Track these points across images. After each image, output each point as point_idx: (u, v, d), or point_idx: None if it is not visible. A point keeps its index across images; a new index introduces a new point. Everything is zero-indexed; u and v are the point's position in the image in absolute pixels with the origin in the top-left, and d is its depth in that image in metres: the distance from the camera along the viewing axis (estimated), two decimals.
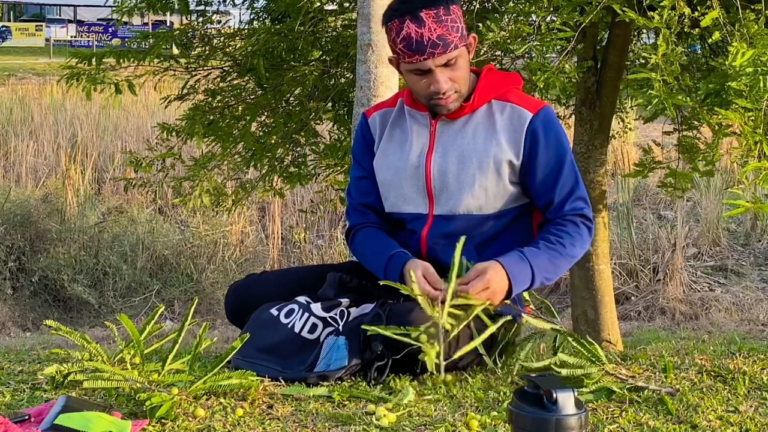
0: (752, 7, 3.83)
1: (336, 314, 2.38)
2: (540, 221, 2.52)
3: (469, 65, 2.46)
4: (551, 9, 3.96)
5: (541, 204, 2.49)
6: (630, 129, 6.93)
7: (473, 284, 2.24)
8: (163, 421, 1.96)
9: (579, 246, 2.45)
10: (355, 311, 2.39)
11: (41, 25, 39.61)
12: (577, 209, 2.46)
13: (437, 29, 2.35)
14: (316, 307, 2.39)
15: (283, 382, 2.22)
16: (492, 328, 2.25)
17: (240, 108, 5.89)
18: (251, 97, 5.90)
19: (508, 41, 4.16)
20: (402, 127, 2.55)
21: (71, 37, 38.55)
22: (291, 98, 5.95)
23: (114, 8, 5.86)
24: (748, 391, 2.16)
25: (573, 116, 5.67)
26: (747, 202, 3.44)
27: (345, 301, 2.42)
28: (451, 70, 2.40)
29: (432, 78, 2.39)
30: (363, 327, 2.24)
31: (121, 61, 5.58)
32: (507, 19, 4.96)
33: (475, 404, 2.08)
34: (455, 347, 2.28)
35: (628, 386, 2.12)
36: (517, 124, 2.45)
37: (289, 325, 2.35)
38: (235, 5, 6.33)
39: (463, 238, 2.27)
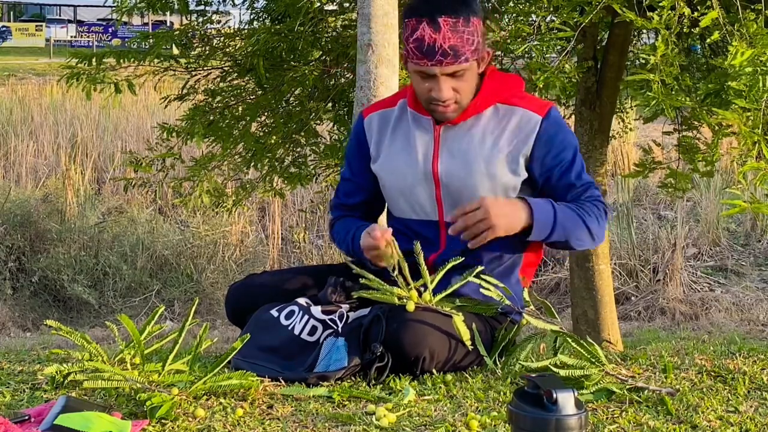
0: (752, 7, 3.82)
1: (335, 317, 2.37)
2: None
3: (476, 78, 2.44)
4: (551, 9, 3.96)
5: (562, 199, 2.49)
6: (630, 129, 6.93)
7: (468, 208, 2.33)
8: (163, 421, 1.96)
9: (597, 222, 2.44)
10: (353, 314, 2.39)
11: (41, 25, 39.60)
12: (594, 196, 2.47)
13: (451, 38, 2.33)
14: (316, 310, 2.38)
15: (283, 383, 2.22)
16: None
17: (240, 108, 5.89)
18: (251, 97, 5.90)
19: (508, 41, 4.16)
20: (404, 131, 2.53)
21: (71, 37, 38.55)
22: (291, 98, 5.95)
23: (114, 8, 5.86)
24: (748, 391, 2.16)
25: (573, 116, 5.67)
26: (744, 202, 3.44)
27: (345, 306, 2.42)
28: (456, 81, 2.38)
29: (435, 84, 2.38)
30: (354, 294, 2.37)
31: (121, 61, 5.58)
32: (507, 19, 4.96)
33: (475, 404, 2.07)
34: (455, 348, 2.28)
35: (628, 386, 2.12)
36: (526, 128, 2.43)
37: (290, 327, 2.35)
38: (235, 5, 6.33)
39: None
